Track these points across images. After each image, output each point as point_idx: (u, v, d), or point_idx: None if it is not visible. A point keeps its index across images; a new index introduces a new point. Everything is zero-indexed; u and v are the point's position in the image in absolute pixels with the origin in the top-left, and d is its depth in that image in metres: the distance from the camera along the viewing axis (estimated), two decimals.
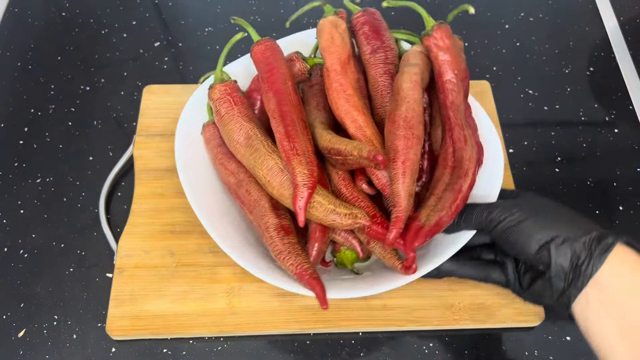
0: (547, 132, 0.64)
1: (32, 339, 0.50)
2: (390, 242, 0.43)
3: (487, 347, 0.51)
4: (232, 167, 0.49)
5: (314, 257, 0.46)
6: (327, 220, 0.44)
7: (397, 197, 0.43)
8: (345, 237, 0.48)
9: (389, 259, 0.46)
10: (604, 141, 0.64)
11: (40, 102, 0.65)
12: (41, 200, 0.58)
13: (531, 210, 0.43)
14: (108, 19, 0.74)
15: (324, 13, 0.53)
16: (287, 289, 0.45)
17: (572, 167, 0.62)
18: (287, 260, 0.44)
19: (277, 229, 0.46)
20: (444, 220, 0.44)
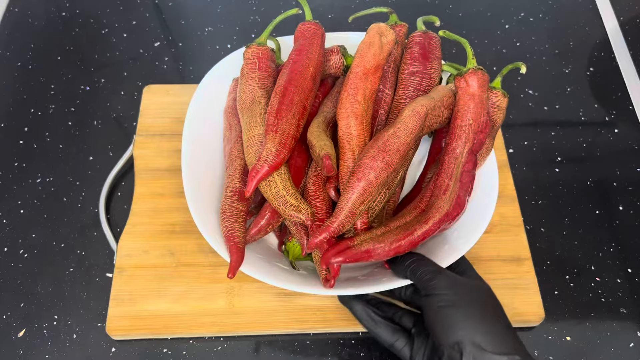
0: (547, 132, 0.64)
1: (32, 339, 0.50)
2: (309, 245, 0.43)
3: None
4: (233, 122, 0.51)
5: (253, 232, 0.46)
6: (274, 202, 0.44)
7: (337, 209, 0.43)
8: (297, 229, 0.47)
9: (318, 265, 0.46)
10: (604, 141, 0.64)
11: (41, 102, 0.65)
12: (41, 200, 0.58)
13: (468, 300, 0.40)
14: (108, 19, 0.74)
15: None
16: (217, 250, 0.45)
17: (572, 167, 0.62)
18: (224, 221, 0.45)
19: (234, 191, 0.47)
20: (376, 252, 0.43)
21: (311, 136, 0.46)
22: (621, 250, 0.56)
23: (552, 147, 0.63)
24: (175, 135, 0.60)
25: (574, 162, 0.62)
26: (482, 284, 0.44)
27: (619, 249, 0.56)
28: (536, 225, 0.58)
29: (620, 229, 0.58)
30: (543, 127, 0.65)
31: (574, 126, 0.65)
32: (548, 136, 0.64)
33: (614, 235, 0.57)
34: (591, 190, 0.60)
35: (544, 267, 0.55)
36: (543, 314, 0.51)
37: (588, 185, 0.61)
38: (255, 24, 0.74)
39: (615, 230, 0.58)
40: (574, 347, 0.51)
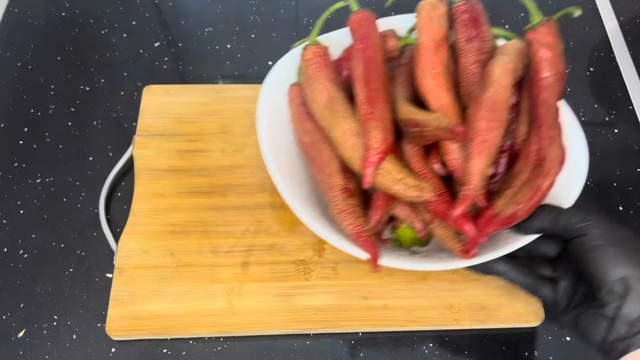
0: None
1: (32, 339, 0.50)
2: (454, 218, 0.43)
3: (487, 347, 0.51)
4: (309, 126, 0.50)
5: (372, 224, 0.46)
6: (392, 188, 0.44)
7: (469, 176, 0.43)
8: (408, 214, 0.47)
9: (448, 240, 0.46)
10: (604, 141, 0.64)
11: (40, 102, 0.65)
12: (41, 200, 0.58)
13: (623, 237, 0.42)
14: (108, 19, 0.74)
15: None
16: (345, 249, 0.45)
17: None
18: (345, 220, 0.46)
19: (342, 190, 0.47)
20: (519, 213, 0.44)
21: (409, 114, 0.46)
22: None
23: None
24: (175, 135, 0.60)
25: None
26: (611, 219, 0.44)
27: None
28: None
29: None
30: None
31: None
32: None
33: None
34: (591, 190, 0.60)
35: None
36: (543, 314, 0.51)
37: (588, 186, 0.61)
38: (255, 24, 0.74)
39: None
40: (574, 347, 0.51)
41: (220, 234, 0.54)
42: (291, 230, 0.55)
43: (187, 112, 0.62)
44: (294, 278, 0.52)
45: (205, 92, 0.64)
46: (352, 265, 0.53)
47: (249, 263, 0.53)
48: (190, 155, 0.59)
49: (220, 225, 0.55)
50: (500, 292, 0.52)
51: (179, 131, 0.61)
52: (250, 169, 0.58)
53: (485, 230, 0.43)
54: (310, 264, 0.53)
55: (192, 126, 0.61)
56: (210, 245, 0.54)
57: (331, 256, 0.53)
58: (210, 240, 0.54)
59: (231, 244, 0.54)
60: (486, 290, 0.52)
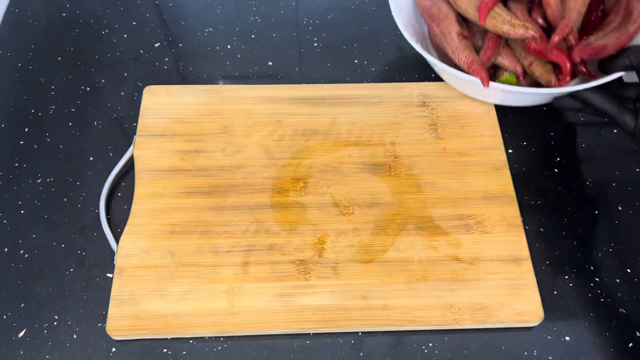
0: (546, 132, 0.64)
1: (33, 339, 0.50)
2: (553, 44, 0.54)
3: (486, 347, 0.51)
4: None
5: (484, 58, 0.58)
6: (502, 29, 0.56)
7: (567, 12, 0.54)
8: (510, 61, 0.60)
9: (546, 74, 0.58)
10: (603, 141, 0.64)
11: (41, 102, 0.65)
12: (41, 200, 0.58)
13: None
14: (108, 19, 0.74)
15: None
16: (456, 74, 0.58)
17: (571, 168, 0.62)
18: (461, 54, 0.58)
19: (458, 34, 0.59)
20: (609, 46, 0.54)
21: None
22: (620, 250, 0.56)
23: (552, 147, 0.63)
24: (176, 135, 0.60)
25: (573, 162, 0.62)
26: None
27: (618, 249, 0.56)
28: (535, 225, 0.58)
29: (619, 229, 0.58)
30: (543, 127, 0.65)
31: (573, 126, 0.65)
32: (547, 136, 0.64)
33: (614, 235, 0.57)
34: (590, 190, 0.60)
35: (543, 267, 0.55)
36: (542, 314, 0.51)
37: (587, 186, 0.61)
38: (255, 24, 0.74)
39: (614, 230, 0.58)
40: (573, 347, 0.51)
41: (221, 234, 0.54)
42: (291, 230, 0.55)
43: (188, 113, 0.62)
44: (294, 278, 0.52)
45: (206, 92, 0.64)
46: (352, 265, 0.53)
47: (249, 263, 0.53)
48: (191, 155, 0.59)
49: (220, 225, 0.55)
50: (500, 292, 0.52)
51: (180, 131, 0.61)
52: (251, 169, 0.58)
53: (580, 53, 0.54)
54: (310, 264, 0.53)
55: (192, 126, 0.61)
56: (211, 245, 0.54)
57: (331, 256, 0.53)
58: (210, 240, 0.54)
59: (231, 244, 0.54)
60: (486, 290, 0.52)
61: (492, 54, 0.59)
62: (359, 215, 0.56)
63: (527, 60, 0.59)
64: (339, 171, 0.58)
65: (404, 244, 0.54)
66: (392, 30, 0.74)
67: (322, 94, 0.64)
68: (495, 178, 0.59)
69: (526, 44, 0.58)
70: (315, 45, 0.72)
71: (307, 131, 0.61)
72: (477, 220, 0.56)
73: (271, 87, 0.65)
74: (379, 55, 0.71)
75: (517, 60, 0.60)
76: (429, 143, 0.61)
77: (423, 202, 0.57)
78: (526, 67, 0.60)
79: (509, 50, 0.61)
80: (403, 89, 0.65)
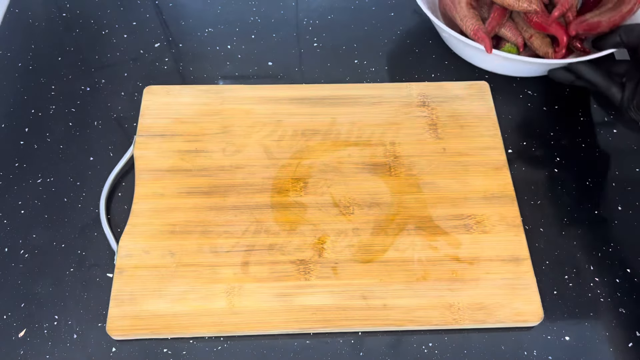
0: (546, 132, 0.65)
1: (33, 339, 0.50)
2: (553, 18, 0.60)
3: (486, 347, 0.51)
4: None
5: (489, 27, 0.64)
6: (507, 1, 0.61)
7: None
8: (512, 33, 0.65)
9: (544, 47, 0.64)
10: (603, 141, 0.64)
11: (41, 102, 0.65)
12: (42, 200, 0.58)
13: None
14: (108, 19, 0.74)
15: None
16: (461, 39, 0.62)
17: (571, 168, 0.62)
18: (468, 22, 0.63)
19: (467, 3, 0.65)
20: (602, 23, 0.60)
21: None
22: (620, 250, 0.56)
23: (552, 147, 0.63)
24: (176, 135, 0.60)
25: (573, 163, 0.62)
26: None
27: (618, 249, 0.56)
28: (535, 225, 0.58)
29: (619, 229, 0.58)
30: (542, 127, 0.65)
31: (573, 126, 0.65)
32: (547, 136, 0.64)
33: (613, 235, 0.57)
34: (590, 190, 0.60)
35: (542, 267, 0.55)
36: (542, 313, 0.51)
37: (587, 186, 0.61)
38: (255, 24, 0.74)
39: (614, 230, 0.58)
40: (573, 347, 0.51)
41: (221, 234, 0.54)
42: (291, 230, 0.55)
43: (188, 113, 0.62)
44: (294, 278, 0.52)
45: (206, 92, 0.64)
46: (352, 265, 0.53)
47: (249, 263, 0.53)
48: (191, 155, 0.59)
49: (220, 225, 0.55)
50: (500, 292, 0.52)
51: (180, 131, 0.61)
52: (251, 169, 0.58)
53: (575, 27, 0.60)
54: (310, 263, 0.53)
55: (192, 126, 0.61)
56: (211, 245, 0.54)
57: (331, 256, 0.53)
58: (210, 240, 0.54)
59: (231, 243, 0.54)
60: (486, 290, 0.52)
61: (496, 25, 0.65)
62: (359, 215, 0.56)
63: (528, 33, 0.65)
64: (339, 171, 0.59)
65: (404, 244, 0.54)
66: (392, 30, 0.74)
67: (322, 94, 0.64)
68: (495, 178, 0.59)
69: (528, 18, 0.63)
70: (315, 45, 0.72)
71: (307, 131, 0.61)
72: (477, 220, 0.56)
73: (271, 87, 0.65)
74: (379, 55, 0.71)
75: (519, 33, 0.65)
76: (428, 143, 0.61)
77: (423, 202, 0.57)
78: (527, 39, 0.65)
79: (512, 23, 0.66)
80: (403, 89, 0.65)
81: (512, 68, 0.66)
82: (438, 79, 0.68)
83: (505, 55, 0.62)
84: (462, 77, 0.69)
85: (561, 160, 0.62)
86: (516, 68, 0.66)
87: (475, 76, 0.68)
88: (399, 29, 0.74)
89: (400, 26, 0.74)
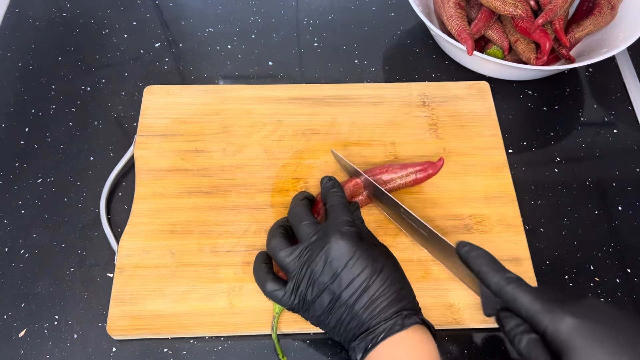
0: (546, 132, 0.65)
1: (33, 339, 0.50)
2: (537, 25, 0.61)
3: (486, 347, 0.51)
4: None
5: (474, 29, 0.64)
6: (494, 4, 0.63)
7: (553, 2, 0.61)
8: (499, 36, 0.66)
9: (527, 52, 0.64)
10: (603, 141, 0.64)
11: (41, 102, 0.65)
12: (42, 200, 0.58)
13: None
14: (109, 19, 0.74)
15: None
16: (446, 38, 0.63)
17: (571, 168, 0.62)
18: (454, 22, 0.64)
19: (454, 3, 0.65)
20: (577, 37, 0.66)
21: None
22: (620, 250, 0.56)
23: (552, 147, 0.63)
24: (176, 135, 0.60)
25: (573, 163, 0.62)
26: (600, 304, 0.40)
27: (618, 249, 0.56)
28: (535, 225, 0.58)
29: (619, 229, 0.58)
30: (542, 127, 0.65)
31: (573, 126, 0.65)
32: (547, 136, 0.64)
33: (613, 235, 0.57)
34: (590, 190, 0.60)
35: (543, 267, 0.55)
36: None
37: (587, 186, 0.61)
38: (256, 24, 0.74)
39: (614, 230, 0.58)
40: None
41: (221, 233, 0.54)
42: None
43: (188, 113, 0.62)
44: None
45: (206, 92, 0.64)
46: None
47: (249, 263, 0.53)
48: (191, 155, 0.59)
49: (220, 225, 0.55)
50: None
51: (180, 131, 0.61)
52: (251, 169, 0.58)
53: (566, 37, 0.64)
54: None
55: (192, 126, 0.61)
56: (211, 245, 0.54)
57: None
58: (210, 240, 0.54)
59: (232, 243, 0.54)
60: None
61: (482, 27, 0.65)
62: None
63: (514, 37, 0.66)
64: (339, 171, 0.59)
65: (404, 244, 0.54)
66: (392, 30, 0.74)
67: (322, 94, 0.64)
68: (495, 178, 0.59)
69: (515, 22, 0.64)
70: (316, 45, 0.72)
71: (307, 131, 0.61)
72: (477, 220, 0.56)
73: (271, 87, 0.65)
74: (379, 55, 0.71)
75: (506, 36, 0.66)
76: (429, 143, 0.61)
77: (423, 202, 0.57)
78: (512, 43, 0.66)
79: (500, 25, 0.67)
80: (403, 89, 0.65)
81: (495, 70, 0.67)
82: (438, 79, 0.68)
83: (486, 58, 0.63)
84: (462, 77, 0.69)
85: (561, 160, 0.62)
86: (501, 71, 0.66)
87: (476, 76, 0.69)
88: (399, 29, 0.74)
89: (400, 26, 0.74)
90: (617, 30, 0.67)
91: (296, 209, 0.49)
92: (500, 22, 0.67)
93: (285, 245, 0.46)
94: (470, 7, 0.68)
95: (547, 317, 0.37)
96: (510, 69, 0.64)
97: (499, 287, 0.41)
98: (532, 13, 0.64)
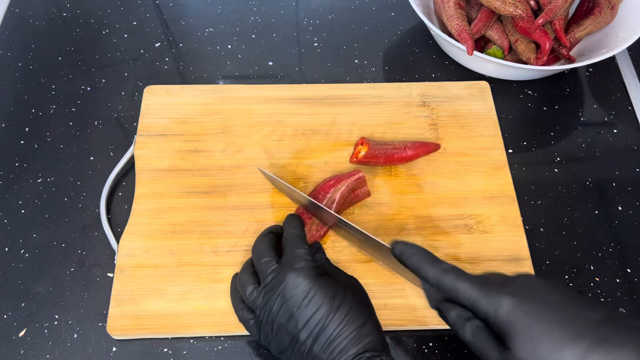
0: (546, 132, 0.65)
1: (33, 339, 0.50)
2: (537, 25, 0.61)
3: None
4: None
5: (474, 29, 0.65)
6: (494, 4, 0.63)
7: (551, 3, 0.62)
8: (499, 35, 0.66)
9: (527, 52, 0.64)
10: (603, 141, 0.64)
11: (41, 102, 0.65)
12: (42, 200, 0.58)
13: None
14: (109, 19, 0.74)
15: None
16: (448, 39, 0.63)
17: (571, 168, 0.62)
18: (454, 22, 0.64)
19: (454, 3, 0.65)
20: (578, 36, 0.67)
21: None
22: (620, 250, 0.56)
23: (552, 147, 0.63)
24: (176, 135, 0.60)
25: (573, 162, 0.62)
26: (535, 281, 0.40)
27: (618, 249, 0.56)
28: (535, 225, 0.58)
29: (619, 228, 0.58)
30: (542, 127, 0.65)
31: (573, 126, 0.65)
32: (547, 136, 0.64)
33: (613, 235, 0.57)
34: (590, 190, 0.60)
35: (543, 267, 0.55)
36: None
37: (587, 186, 0.61)
38: (256, 24, 0.74)
39: (614, 230, 0.58)
40: None
41: (221, 233, 0.54)
42: None
43: (188, 112, 0.62)
44: None
45: (206, 92, 0.64)
46: (352, 265, 0.53)
47: None
48: (191, 155, 0.59)
49: (220, 224, 0.55)
50: None
51: (180, 131, 0.61)
52: (251, 168, 0.58)
53: (565, 36, 0.64)
54: None
55: (192, 126, 0.61)
56: (211, 245, 0.54)
57: (331, 256, 0.53)
58: (210, 240, 0.54)
59: (232, 243, 0.54)
60: None
61: (482, 27, 0.65)
62: (359, 215, 0.56)
63: (514, 37, 0.66)
64: (340, 171, 0.58)
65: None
66: (392, 30, 0.74)
67: (322, 94, 0.64)
68: (495, 178, 0.59)
69: (515, 22, 0.64)
70: (316, 45, 0.72)
71: (307, 131, 0.61)
72: (477, 220, 0.56)
73: (271, 87, 0.65)
74: (379, 55, 0.71)
75: (506, 36, 0.66)
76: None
77: (423, 202, 0.57)
78: (512, 43, 0.66)
79: (500, 25, 0.67)
80: (403, 89, 0.65)
81: (495, 70, 0.67)
82: (438, 79, 0.68)
83: (486, 58, 0.63)
84: (462, 77, 0.69)
85: (561, 160, 0.62)
86: (501, 71, 0.66)
87: (476, 76, 0.69)
88: (399, 29, 0.74)
89: (400, 26, 0.74)
90: (617, 30, 0.67)
91: (258, 246, 0.47)
92: (500, 22, 0.67)
93: (253, 282, 0.45)
94: (470, 7, 0.68)
95: (487, 301, 0.37)
96: (510, 68, 0.64)
97: (437, 279, 0.40)
98: (532, 13, 0.64)
